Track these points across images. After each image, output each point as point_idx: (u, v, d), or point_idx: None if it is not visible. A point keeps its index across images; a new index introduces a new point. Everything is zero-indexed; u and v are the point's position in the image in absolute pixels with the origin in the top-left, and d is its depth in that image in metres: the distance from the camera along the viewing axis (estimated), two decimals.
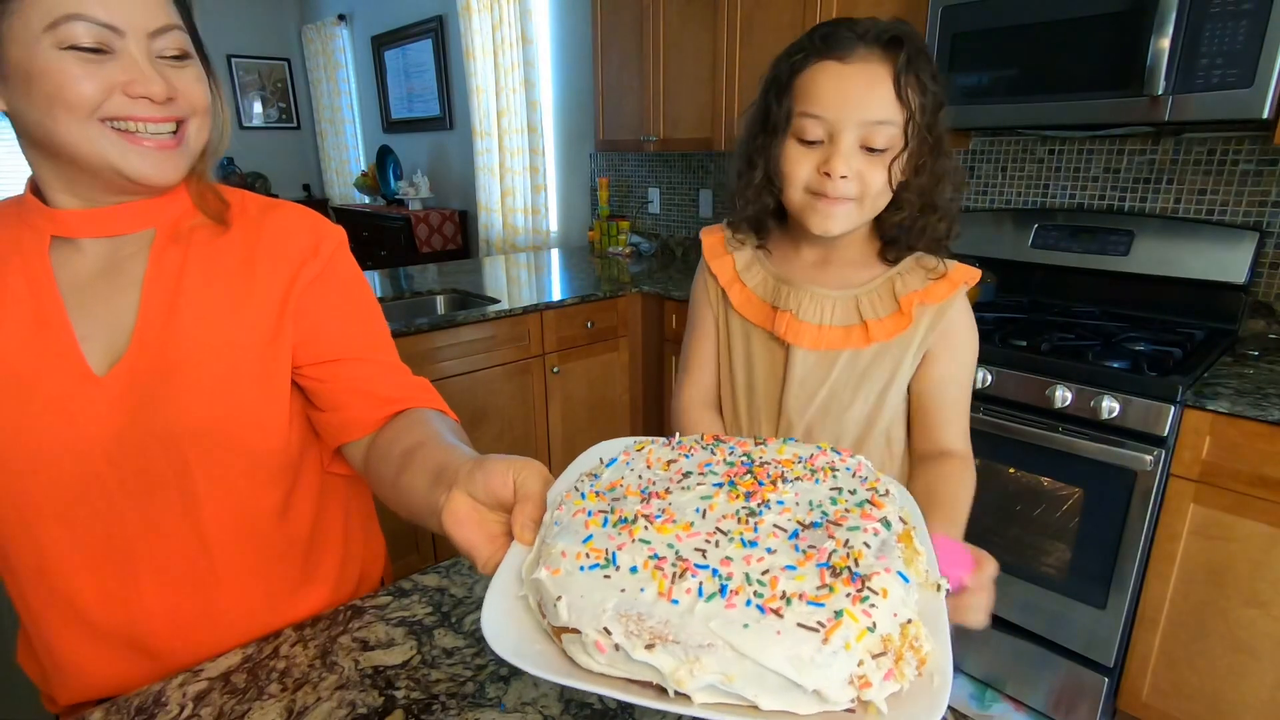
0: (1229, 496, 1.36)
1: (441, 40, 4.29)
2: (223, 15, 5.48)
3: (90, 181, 0.66)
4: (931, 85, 0.75)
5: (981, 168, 2.18)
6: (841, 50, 0.74)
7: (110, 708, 0.65)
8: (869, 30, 0.74)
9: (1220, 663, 1.44)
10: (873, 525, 0.42)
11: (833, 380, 0.84)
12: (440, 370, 2.09)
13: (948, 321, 0.81)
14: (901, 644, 0.37)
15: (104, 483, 0.67)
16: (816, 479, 0.47)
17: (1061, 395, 1.50)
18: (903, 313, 0.81)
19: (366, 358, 0.78)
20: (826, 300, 0.84)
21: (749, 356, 0.90)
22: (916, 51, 0.74)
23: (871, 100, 0.74)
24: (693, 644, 0.35)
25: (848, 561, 0.38)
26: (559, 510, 0.46)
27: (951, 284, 0.81)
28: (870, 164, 0.76)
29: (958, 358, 0.84)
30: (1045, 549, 1.63)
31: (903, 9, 1.90)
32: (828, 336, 0.83)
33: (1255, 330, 1.73)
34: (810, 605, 0.36)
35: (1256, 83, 1.36)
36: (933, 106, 0.76)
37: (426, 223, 4.33)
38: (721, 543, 0.40)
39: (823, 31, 0.76)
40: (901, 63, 0.73)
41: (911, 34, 0.75)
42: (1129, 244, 1.83)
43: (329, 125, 5.60)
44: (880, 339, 0.82)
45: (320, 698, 0.66)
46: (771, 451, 0.51)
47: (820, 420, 0.86)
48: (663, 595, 0.37)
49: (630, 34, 2.66)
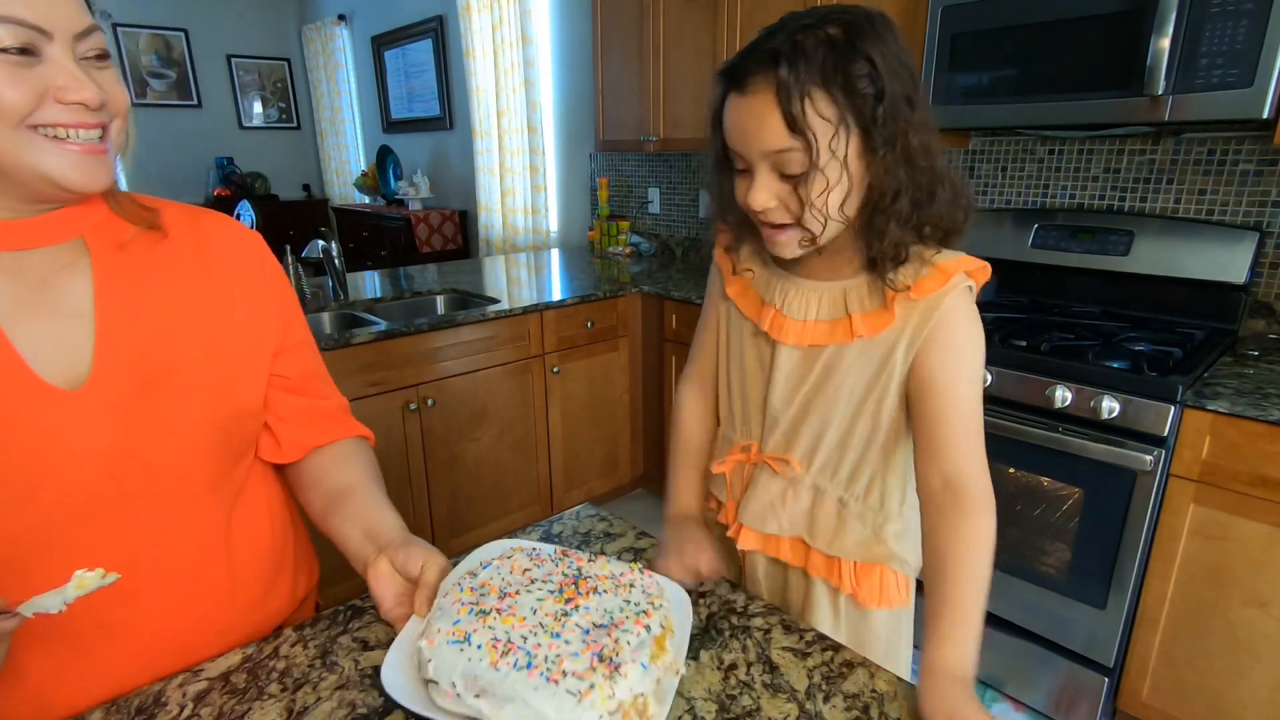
0: (1229, 496, 1.36)
1: (441, 40, 4.29)
2: (223, 15, 5.48)
3: (12, 191, 0.61)
4: (860, 89, 0.66)
5: (981, 168, 2.18)
6: (739, 81, 0.68)
7: (110, 708, 0.65)
8: (760, 50, 0.67)
9: (1220, 663, 1.44)
10: (638, 629, 0.62)
11: (814, 376, 0.80)
12: (440, 370, 2.09)
13: (940, 316, 0.73)
14: (630, 708, 0.57)
15: (105, 496, 0.66)
16: (618, 593, 0.67)
17: (1061, 395, 1.50)
18: (888, 308, 0.75)
19: (301, 373, 0.82)
20: (814, 294, 0.80)
21: (742, 353, 0.88)
22: (810, 61, 0.64)
23: (764, 132, 0.67)
24: (502, 696, 0.56)
25: (612, 653, 0.59)
26: (444, 598, 0.66)
27: (944, 275, 0.73)
28: (796, 187, 0.69)
29: (952, 360, 0.74)
30: (1045, 549, 1.63)
31: (903, 9, 1.90)
32: (812, 332, 0.79)
33: (1255, 330, 1.73)
34: (577, 680, 0.57)
35: (1256, 83, 1.36)
36: (866, 108, 0.66)
37: (426, 223, 4.33)
38: (538, 633, 0.61)
39: (732, 60, 0.70)
40: (785, 83, 0.64)
41: (803, 45, 0.65)
42: (1129, 244, 1.83)
43: (329, 125, 5.60)
44: (864, 334, 0.76)
45: (320, 698, 0.66)
46: (596, 568, 0.71)
47: (802, 418, 0.82)
48: (493, 664, 0.58)
49: (630, 34, 2.66)
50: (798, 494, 0.85)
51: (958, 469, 0.73)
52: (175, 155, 5.46)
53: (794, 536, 0.86)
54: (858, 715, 0.64)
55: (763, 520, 0.86)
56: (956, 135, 2.08)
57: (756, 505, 0.87)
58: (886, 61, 0.67)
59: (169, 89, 5.36)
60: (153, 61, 5.26)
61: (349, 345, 1.88)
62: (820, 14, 0.67)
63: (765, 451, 0.86)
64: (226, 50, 5.54)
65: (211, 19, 5.43)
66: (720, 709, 0.64)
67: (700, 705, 0.65)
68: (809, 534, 0.85)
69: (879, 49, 0.66)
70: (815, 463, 0.83)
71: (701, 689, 0.67)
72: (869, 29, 0.67)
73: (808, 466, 0.84)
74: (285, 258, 2.21)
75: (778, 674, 0.69)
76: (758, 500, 0.87)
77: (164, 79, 5.33)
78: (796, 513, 0.85)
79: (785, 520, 0.85)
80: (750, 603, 0.80)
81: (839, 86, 0.65)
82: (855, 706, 0.65)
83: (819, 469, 0.83)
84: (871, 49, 0.66)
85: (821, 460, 0.83)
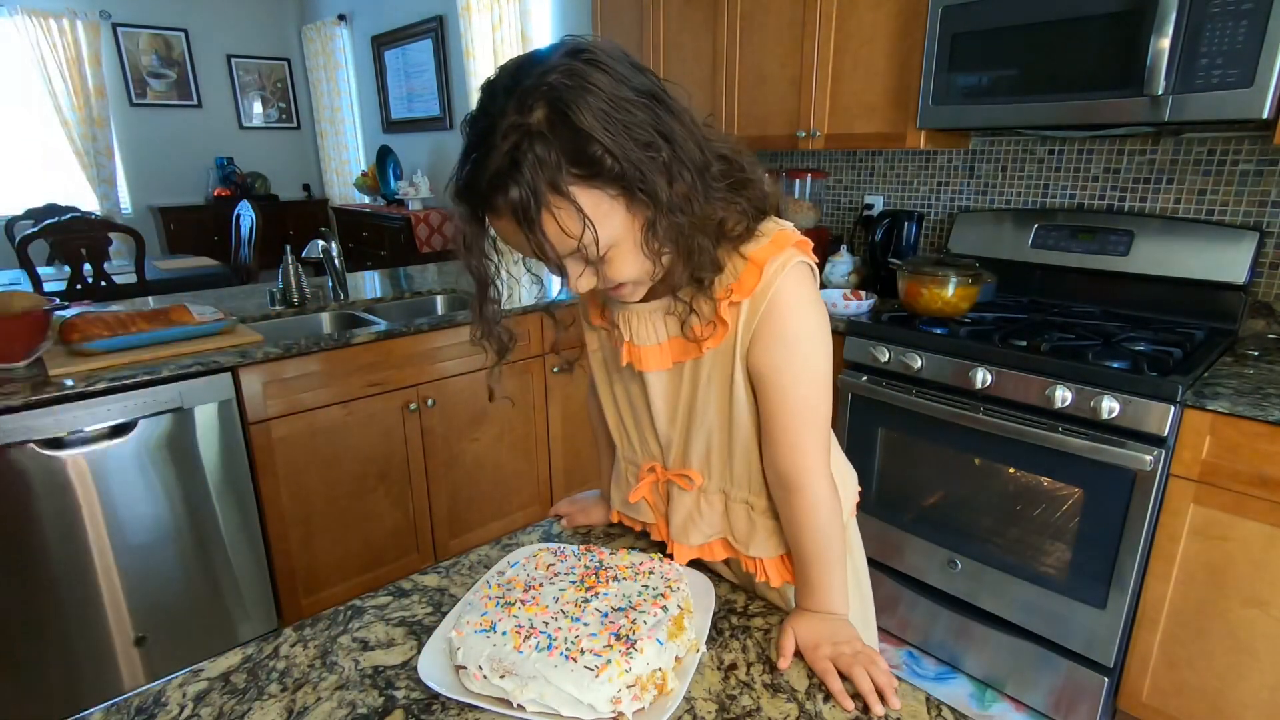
0: (1229, 496, 1.36)
1: (441, 40, 4.29)
2: (223, 15, 5.49)
3: None
4: (604, 166, 0.59)
5: (981, 168, 2.18)
6: (482, 202, 0.62)
7: (110, 709, 0.65)
8: (492, 167, 0.59)
9: (1220, 663, 1.44)
10: (655, 610, 0.67)
11: (684, 392, 0.80)
12: (440, 370, 2.09)
13: (766, 307, 0.70)
14: (648, 681, 0.62)
15: None
16: (637, 579, 0.73)
17: (1061, 395, 1.50)
18: (719, 318, 0.72)
19: None
20: (656, 315, 0.77)
21: (623, 380, 0.87)
22: (539, 171, 0.58)
23: (527, 248, 0.62)
24: (525, 676, 0.61)
25: (628, 631, 0.64)
26: (473, 594, 0.74)
27: (756, 268, 0.70)
28: (601, 267, 0.67)
29: (779, 352, 0.71)
30: (1045, 549, 1.63)
31: (903, 9, 1.90)
32: (669, 351, 0.78)
33: (1255, 330, 1.73)
34: (594, 657, 0.61)
35: (1256, 83, 1.36)
36: (621, 176, 0.60)
37: (426, 223, 4.33)
38: (559, 619, 0.66)
39: (463, 174, 0.63)
40: (523, 206, 0.59)
41: (521, 157, 0.57)
42: (1129, 244, 1.83)
43: (329, 125, 5.60)
44: (710, 346, 0.74)
45: (320, 698, 0.66)
46: (617, 559, 0.77)
47: (687, 431, 0.82)
48: (516, 648, 0.63)
49: (630, 34, 2.66)
50: (710, 501, 0.86)
51: (787, 464, 0.75)
52: (175, 155, 5.46)
53: (721, 539, 0.87)
54: (857, 715, 0.64)
55: (687, 534, 0.87)
56: (956, 135, 2.08)
57: (678, 521, 0.87)
58: (613, 116, 0.59)
59: (169, 89, 5.36)
60: (153, 61, 5.26)
61: (349, 345, 1.88)
62: (518, 93, 0.59)
63: (668, 469, 0.87)
64: (226, 50, 5.54)
65: (211, 19, 5.43)
66: (720, 709, 0.64)
67: (700, 705, 0.65)
68: (731, 535, 0.86)
69: (597, 105, 0.58)
70: (713, 470, 0.84)
71: (701, 689, 0.67)
72: (578, 86, 0.58)
73: (708, 474, 0.84)
74: (285, 258, 2.21)
75: (778, 674, 0.69)
76: (677, 516, 0.87)
77: (164, 79, 5.33)
78: (714, 518, 0.86)
79: (707, 527, 0.86)
80: (750, 603, 0.80)
81: (582, 178, 0.59)
82: (855, 706, 0.65)
83: (718, 475, 0.84)
84: (590, 113, 0.58)
85: (717, 467, 0.83)
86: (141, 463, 1.62)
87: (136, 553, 1.65)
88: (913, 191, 2.37)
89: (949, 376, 1.69)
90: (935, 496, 1.80)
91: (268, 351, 1.74)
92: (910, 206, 2.39)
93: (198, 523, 1.73)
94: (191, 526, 1.73)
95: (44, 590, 1.55)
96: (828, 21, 2.06)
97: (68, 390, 1.48)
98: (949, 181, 2.27)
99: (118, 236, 3.69)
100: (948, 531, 1.79)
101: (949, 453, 1.74)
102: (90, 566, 1.60)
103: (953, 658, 1.87)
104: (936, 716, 0.64)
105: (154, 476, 1.65)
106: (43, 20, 4.73)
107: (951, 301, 1.79)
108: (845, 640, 0.71)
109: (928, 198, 2.34)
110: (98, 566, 1.61)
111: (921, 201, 2.36)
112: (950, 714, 0.64)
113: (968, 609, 1.79)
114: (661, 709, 0.62)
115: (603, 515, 1.00)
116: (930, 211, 2.34)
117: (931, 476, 1.81)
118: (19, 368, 1.56)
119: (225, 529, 1.78)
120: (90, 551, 1.59)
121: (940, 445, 1.76)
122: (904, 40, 1.92)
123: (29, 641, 1.54)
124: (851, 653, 0.68)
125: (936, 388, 1.73)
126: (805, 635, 0.72)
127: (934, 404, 1.71)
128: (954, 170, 2.25)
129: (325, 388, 1.87)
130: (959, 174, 2.24)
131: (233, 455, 1.75)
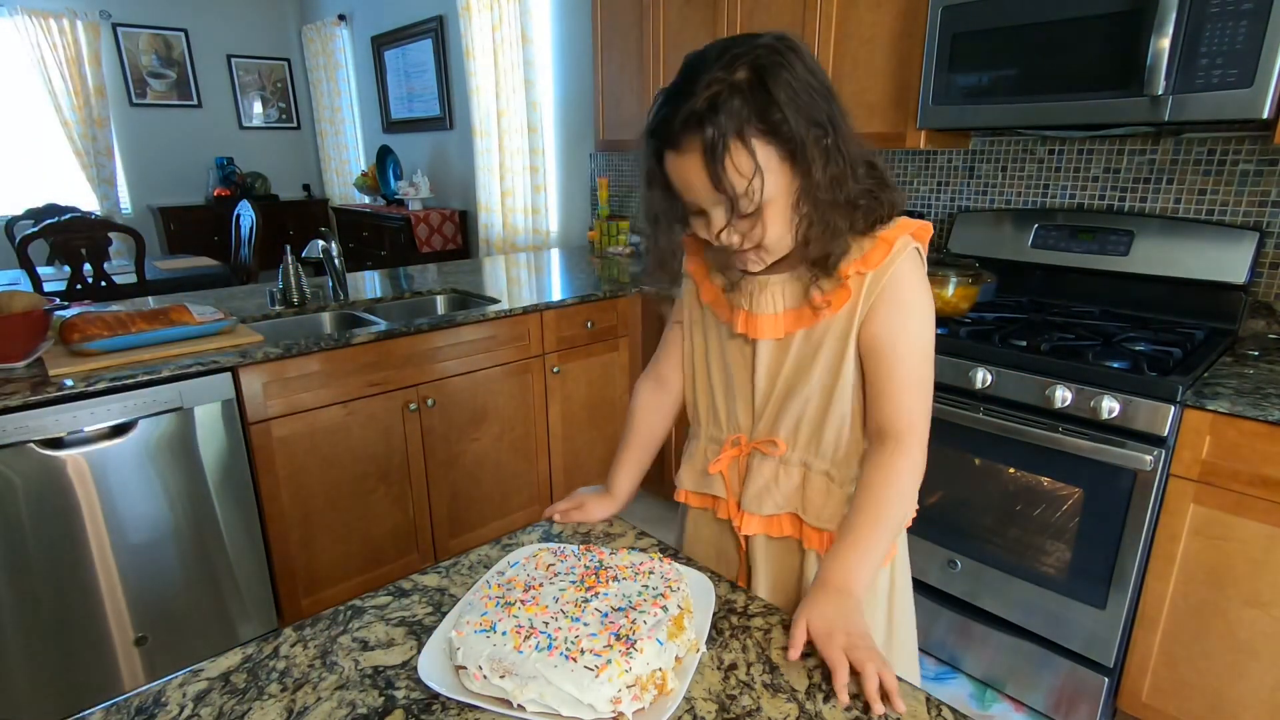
0: (1229, 496, 1.36)
1: (441, 40, 4.29)
2: (223, 15, 5.49)
3: None
4: (783, 130, 0.70)
5: (981, 168, 2.18)
6: (670, 139, 0.73)
7: (110, 709, 0.65)
8: (687, 109, 0.70)
9: (1220, 663, 1.44)
10: (655, 610, 0.67)
11: (790, 360, 0.86)
12: (440, 370, 2.09)
13: (888, 280, 0.79)
14: (648, 681, 0.62)
15: None
16: (637, 579, 0.73)
17: (1061, 395, 1.50)
18: (844, 285, 0.81)
19: None
20: (777, 287, 0.85)
21: (723, 354, 0.93)
22: (731, 116, 0.69)
23: (702, 187, 0.73)
24: (525, 675, 0.61)
25: (628, 631, 0.64)
26: (473, 594, 0.74)
27: (887, 245, 0.80)
28: (751, 222, 0.76)
29: (896, 319, 0.80)
30: (1045, 549, 1.63)
31: (903, 9, 1.90)
32: (784, 322, 0.85)
33: (1255, 330, 1.73)
34: (594, 657, 0.61)
35: (1256, 83, 1.36)
36: (793, 143, 0.71)
37: (426, 223, 4.33)
38: (559, 619, 0.66)
39: (656, 119, 0.74)
40: (712, 144, 0.69)
41: (720, 102, 0.69)
42: (1129, 244, 1.83)
43: (329, 125, 5.60)
44: (828, 313, 0.82)
45: (320, 698, 0.66)
46: (617, 559, 0.77)
47: (783, 402, 0.88)
48: (516, 648, 0.63)
49: (630, 34, 2.66)
50: (789, 472, 0.90)
51: (893, 418, 0.81)
52: (175, 155, 5.46)
53: (790, 513, 0.91)
54: (858, 715, 0.64)
55: (760, 502, 0.91)
56: (956, 135, 2.08)
57: (753, 489, 0.92)
58: (799, 93, 0.70)
59: (169, 89, 5.36)
60: (153, 61, 5.26)
61: (349, 345, 1.88)
62: (727, 57, 0.71)
63: (754, 439, 0.92)
64: (226, 50, 5.54)
65: (211, 19, 5.43)
66: (720, 709, 0.64)
67: (700, 705, 0.65)
68: (802, 509, 0.90)
69: (790, 81, 0.70)
70: (799, 440, 0.89)
71: (701, 689, 0.67)
72: (777, 62, 0.70)
73: (794, 445, 0.89)
74: (285, 258, 2.21)
75: (778, 674, 0.69)
76: (754, 484, 0.92)
77: (164, 79, 5.33)
78: (789, 490, 0.90)
79: (780, 498, 0.90)
80: (750, 603, 0.80)
81: (763, 133, 0.70)
82: (855, 706, 0.65)
83: (804, 446, 0.89)
84: (783, 85, 0.70)
85: (805, 437, 0.88)
86: (141, 463, 1.63)
87: (137, 553, 1.66)
88: (913, 191, 2.37)
89: (949, 376, 1.69)
90: (935, 496, 1.80)
91: (268, 351, 1.74)
92: (910, 206, 2.39)
93: (198, 523, 1.74)
94: (191, 526, 1.73)
95: (44, 590, 1.55)
96: (828, 21, 2.06)
97: (68, 390, 1.48)
98: (949, 181, 2.27)
99: (118, 236, 3.70)
100: (948, 531, 1.79)
101: (949, 453, 1.74)
102: (90, 566, 1.60)
103: (953, 658, 1.87)
104: (936, 716, 0.64)
105: (154, 476, 1.65)
106: (43, 20, 4.73)
107: (951, 301, 1.79)
108: (859, 634, 0.70)
109: (928, 197, 2.34)
110: (98, 566, 1.61)
111: (921, 201, 2.36)
112: (950, 714, 0.64)
113: (968, 609, 1.80)
114: (661, 709, 0.62)
115: (604, 511, 1.01)
116: (930, 211, 2.34)
117: (931, 476, 1.79)
118: (19, 368, 1.56)
119: (225, 529, 1.78)
120: (90, 552, 1.59)
121: (940, 445, 1.75)
122: (904, 40, 1.92)
123: (29, 641, 1.55)
124: (866, 648, 0.68)
125: (936, 388, 1.70)
126: (818, 623, 0.71)
127: (934, 404, 1.71)
128: (954, 170, 2.25)
129: (325, 388, 1.87)
130: (959, 174, 2.24)
131: (233, 455, 1.75)
